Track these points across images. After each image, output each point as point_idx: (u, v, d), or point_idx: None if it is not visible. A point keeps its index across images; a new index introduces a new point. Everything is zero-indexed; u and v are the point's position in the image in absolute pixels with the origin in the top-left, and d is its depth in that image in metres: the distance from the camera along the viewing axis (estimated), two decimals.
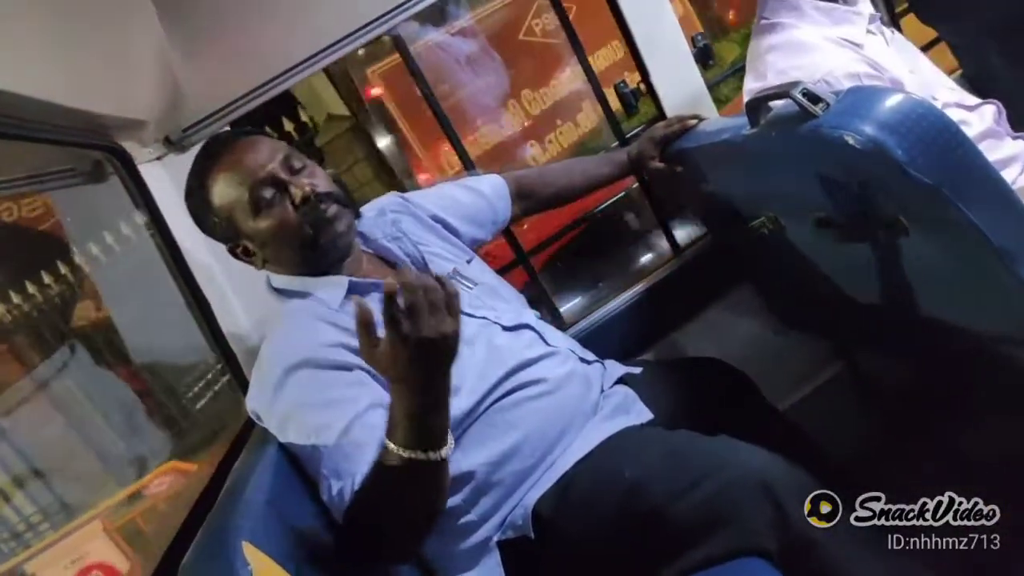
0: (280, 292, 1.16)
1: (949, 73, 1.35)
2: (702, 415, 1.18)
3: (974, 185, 0.77)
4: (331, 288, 1.12)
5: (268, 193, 1.08)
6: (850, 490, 1.12)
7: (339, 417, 0.96)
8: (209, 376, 4.63)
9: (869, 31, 1.25)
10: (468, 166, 1.61)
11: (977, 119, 1.20)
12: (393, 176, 4.56)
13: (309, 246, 1.10)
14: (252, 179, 1.08)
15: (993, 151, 1.12)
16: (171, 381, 4.67)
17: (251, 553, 0.77)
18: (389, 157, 4.50)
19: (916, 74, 1.24)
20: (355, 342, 1.00)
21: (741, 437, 1.01)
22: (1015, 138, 1.23)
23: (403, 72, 1.70)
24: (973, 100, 1.23)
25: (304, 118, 5.35)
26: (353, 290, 1.11)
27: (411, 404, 0.83)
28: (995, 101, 1.24)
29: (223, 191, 1.10)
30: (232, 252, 1.16)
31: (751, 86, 1.28)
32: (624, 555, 0.98)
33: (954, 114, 1.21)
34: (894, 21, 1.82)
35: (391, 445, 0.84)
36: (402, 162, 4.38)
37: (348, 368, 1.01)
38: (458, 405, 1.04)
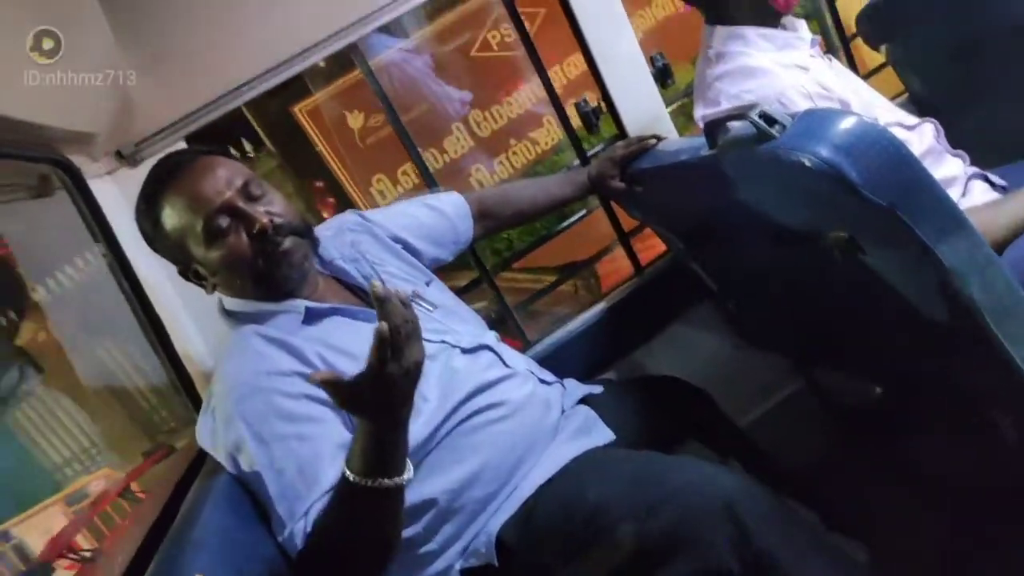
0: (232, 315, 1.12)
1: (890, 99, 1.39)
2: (663, 434, 1.19)
3: (925, 206, 0.79)
4: (287, 314, 1.09)
5: (223, 222, 1.04)
6: (810, 504, 1.14)
7: (290, 455, 0.94)
8: None
9: (812, 55, 1.28)
10: (430, 183, 1.60)
11: (917, 138, 1.24)
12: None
13: (262, 277, 1.07)
14: (207, 207, 1.04)
15: (934, 170, 1.16)
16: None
17: None
18: None
19: (858, 96, 1.28)
20: (309, 370, 1.00)
21: (702, 455, 1.01)
22: (953, 155, 1.27)
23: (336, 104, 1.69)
24: (912, 120, 1.26)
25: (247, 148, 5.14)
26: (310, 316, 1.09)
27: (375, 432, 0.82)
28: (932, 120, 1.28)
29: (175, 216, 1.06)
30: (182, 274, 1.12)
31: (702, 113, 1.30)
32: None
33: (896, 134, 1.25)
34: (844, 44, 1.87)
35: (351, 475, 0.83)
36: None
37: (302, 399, 0.98)
38: (417, 432, 1.02)
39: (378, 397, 0.79)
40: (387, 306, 0.78)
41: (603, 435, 1.15)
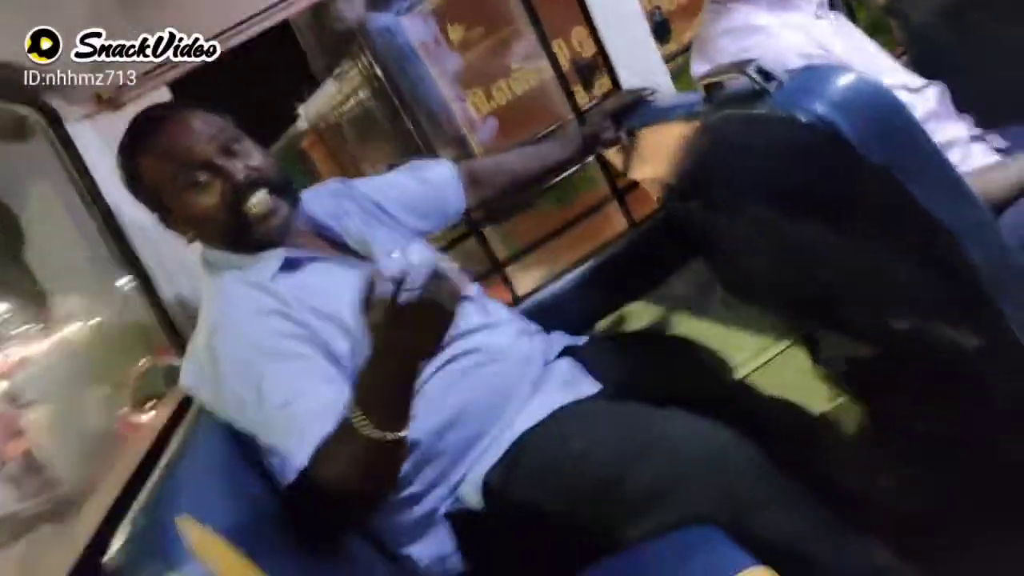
0: (212, 264, 1.11)
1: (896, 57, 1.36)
2: (652, 387, 1.18)
3: (923, 166, 0.78)
4: (265, 261, 1.08)
5: (200, 176, 1.03)
6: (799, 462, 1.15)
7: (278, 388, 0.94)
8: None
9: (817, 15, 1.26)
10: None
11: (921, 101, 1.22)
12: None
13: (237, 232, 1.06)
14: (182, 160, 1.03)
15: (935, 134, 1.14)
16: None
17: (189, 526, 0.75)
18: None
19: (861, 56, 1.25)
20: (293, 311, 1.00)
21: (691, 410, 1.01)
22: (958, 119, 1.25)
23: None
24: (918, 82, 1.24)
25: None
26: (288, 264, 1.08)
27: (392, 377, 0.82)
28: (939, 82, 1.26)
29: (152, 169, 1.05)
30: (163, 222, 1.11)
31: (699, 70, 1.28)
32: (574, 525, 0.98)
33: (899, 96, 1.23)
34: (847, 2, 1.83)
35: (358, 422, 0.82)
36: None
37: (286, 337, 0.98)
38: None
39: (407, 324, 0.77)
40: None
41: (590, 386, 1.15)
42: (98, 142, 1.31)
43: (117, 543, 0.76)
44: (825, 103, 0.76)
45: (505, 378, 1.11)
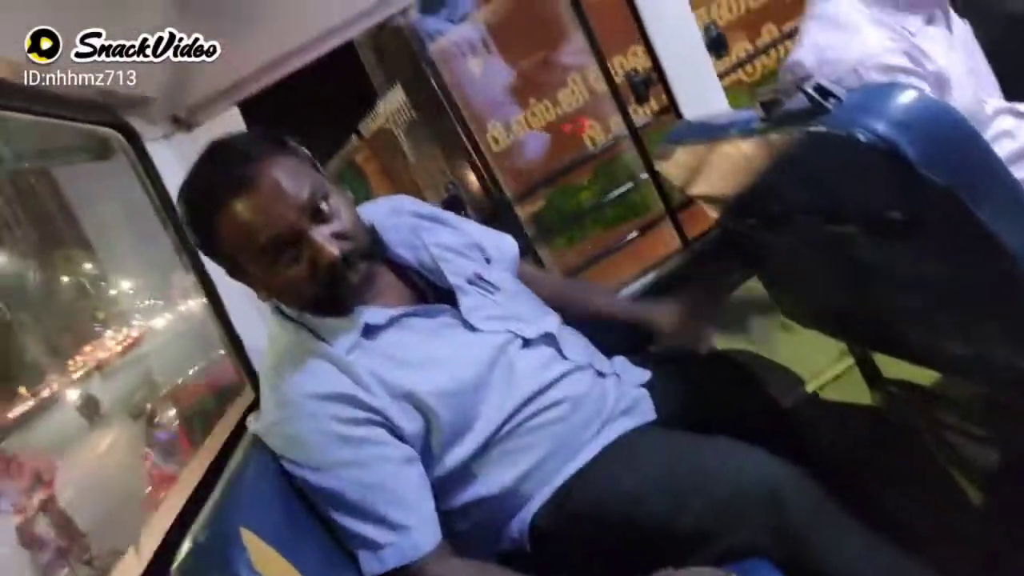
0: (285, 315, 1.05)
1: None
2: (705, 412, 1.17)
3: (988, 187, 0.76)
4: (343, 332, 1.01)
5: (286, 249, 0.94)
6: (854, 491, 1.12)
7: (354, 481, 0.95)
8: None
9: (929, 22, 1.18)
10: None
11: None
12: None
13: (324, 303, 1.01)
14: (271, 232, 0.93)
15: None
16: None
17: (249, 539, 0.78)
18: None
19: (974, 75, 1.18)
20: (364, 394, 0.98)
21: (744, 435, 0.99)
22: None
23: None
24: None
25: None
26: (369, 330, 1.02)
27: None
28: None
29: (233, 234, 0.94)
30: (234, 276, 1.04)
31: (793, 58, 1.22)
32: (621, 565, 0.96)
33: (1005, 121, 1.16)
34: None
35: None
36: None
37: (357, 423, 0.97)
38: (474, 439, 1.02)
39: None
40: None
41: (646, 414, 1.14)
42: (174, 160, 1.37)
43: (182, 554, 0.78)
44: (885, 121, 0.74)
45: (579, 428, 1.08)
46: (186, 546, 0.78)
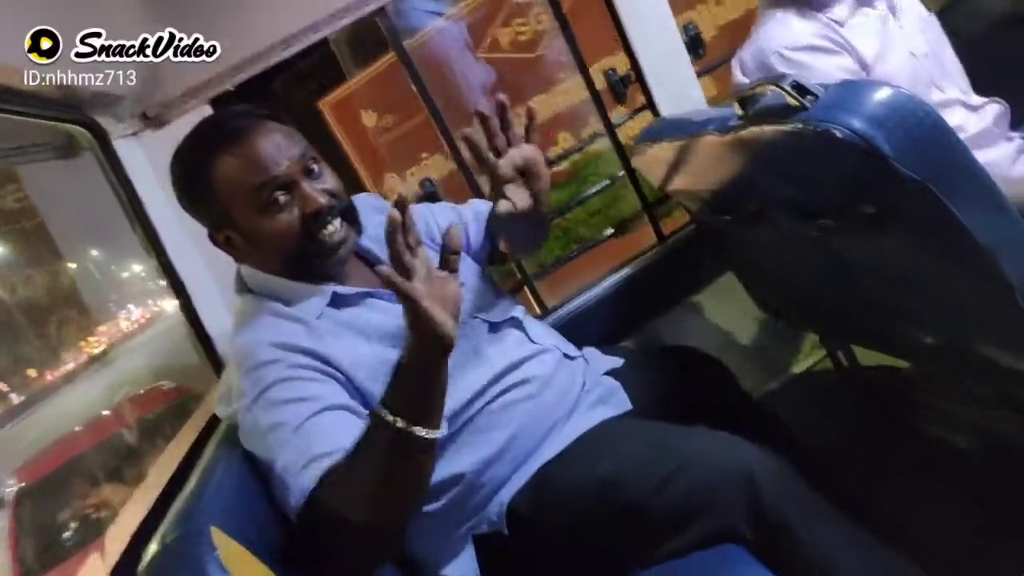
0: (251, 288, 1.08)
1: None
2: (679, 404, 1.18)
3: (961, 182, 0.77)
4: (312, 297, 1.04)
5: (279, 195, 0.99)
6: (826, 478, 1.13)
7: (291, 414, 0.91)
8: None
9: (856, 10, 1.26)
10: (467, 175, 1.65)
11: (976, 120, 1.19)
12: None
13: (305, 258, 1.03)
14: (264, 175, 0.98)
15: (980, 152, 1.12)
16: None
17: (219, 538, 0.76)
18: None
19: (919, 58, 1.22)
20: (329, 351, 0.97)
21: (717, 425, 1.00)
22: (1009, 139, 1.22)
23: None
24: (978, 100, 1.21)
25: None
26: (336, 300, 1.05)
27: (427, 366, 0.83)
28: (1001, 100, 1.23)
29: (229, 177, 0.98)
30: (212, 238, 1.06)
31: (741, 56, 1.34)
32: (598, 549, 0.98)
33: (955, 113, 1.21)
34: None
35: (387, 414, 0.82)
36: None
37: (310, 372, 0.95)
38: (446, 410, 0.99)
39: (442, 301, 0.81)
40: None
41: (620, 405, 1.15)
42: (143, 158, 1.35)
43: (149, 555, 0.76)
44: (861, 118, 0.75)
45: (549, 407, 1.09)
46: (153, 547, 0.76)
